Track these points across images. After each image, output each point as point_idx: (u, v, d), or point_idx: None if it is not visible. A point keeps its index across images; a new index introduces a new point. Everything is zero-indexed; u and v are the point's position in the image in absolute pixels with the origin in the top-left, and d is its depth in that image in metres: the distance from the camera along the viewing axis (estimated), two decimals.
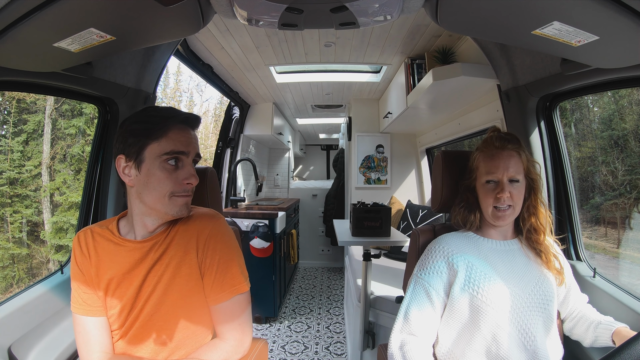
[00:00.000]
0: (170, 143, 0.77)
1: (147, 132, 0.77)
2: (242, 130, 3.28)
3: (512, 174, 0.90)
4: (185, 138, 0.79)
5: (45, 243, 7.28)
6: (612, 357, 0.46)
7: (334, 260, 4.40)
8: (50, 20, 0.65)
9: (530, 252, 0.94)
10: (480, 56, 1.45)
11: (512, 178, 0.90)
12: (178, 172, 0.79)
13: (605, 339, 0.86)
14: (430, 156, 3.12)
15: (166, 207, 0.79)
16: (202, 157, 0.87)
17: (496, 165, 0.90)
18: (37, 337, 0.97)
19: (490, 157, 0.92)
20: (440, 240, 0.97)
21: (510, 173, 0.90)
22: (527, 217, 0.94)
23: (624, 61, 0.79)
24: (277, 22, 0.77)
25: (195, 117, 0.83)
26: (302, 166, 6.01)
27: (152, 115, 0.79)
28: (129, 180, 0.80)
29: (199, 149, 0.85)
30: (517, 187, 0.90)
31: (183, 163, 0.80)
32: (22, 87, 0.96)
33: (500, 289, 0.88)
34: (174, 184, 0.78)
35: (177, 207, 0.80)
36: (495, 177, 0.90)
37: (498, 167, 0.90)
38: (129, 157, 0.78)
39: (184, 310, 0.82)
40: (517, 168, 0.90)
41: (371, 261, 1.75)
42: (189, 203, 0.83)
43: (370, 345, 1.78)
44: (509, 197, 0.89)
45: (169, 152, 0.77)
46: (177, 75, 17.45)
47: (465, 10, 0.72)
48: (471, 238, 0.97)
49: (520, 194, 0.91)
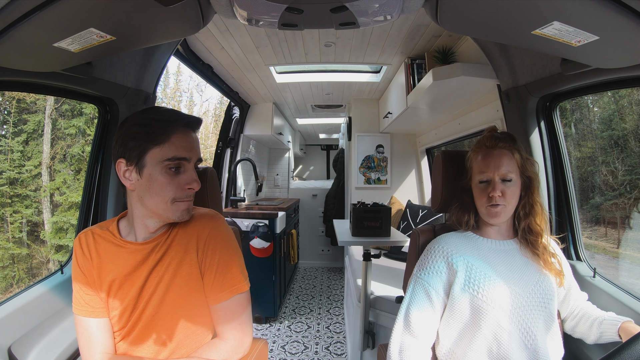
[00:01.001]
0: (172, 148, 0.76)
1: (149, 137, 0.76)
2: (242, 130, 3.28)
3: (504, 173, 0.89)
4: (187, 143, 0.78)
5: (45, 243, 7.28)
6: (612, 357, 0.46)
7: (334, 260, 4.40)
8: (50, 20, 0.65)
9: (528, 251, 0.94)
10: (480, 56, 1.45)
11: (504, 177, 0.89)
12: (180, 177, 0.78)
13: (611, 335, 0.86)
14: (430, 156, 3.12)
15: (168, 212, 0.79)
16: (202, 157, 0.87)
17: (487, 164, 0.90)
18: (37, 337, 0.97)
19: (482, 157, 0.92)
20: (440, 240, 0.97)
21: (501, 172, 0.89)
22: (523, 217, 0.93)
23: (624, 61, 0.79)
24: (277, 22, 0.77)
25: (197, 120, 0.82)
26: (302, 166, 6.01)
27: (154, 119, 0.77)
28: (129, 184, 0.79)
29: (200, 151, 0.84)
30: (509, 185, 0.89)
31: (185, 168, 0.79)
32: (22, 87, 0.96)
33: (501, 289, 0.87)
34: (176, 189, 0.78)
35: (179, 212, 0.80)
36: (487, 176, 0.90)
37: (489, 166, 0.90)
38: (130, 161, 0.77)
39: (184, 310, 0.83)
40: (510, 166, 0.89)
41: (371, 261, 1.75)
42: (190, 207, 0.83)
43: (370, 345, 1.78)
44: (501, 196, 0.88)
45: (171, 157, 0.76)
46: (177, 75, 17.45)
47: (465, 10, 0.72)
48: (470, 238, 0.97)
49: (513, 192, 0.90)
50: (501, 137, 0.93)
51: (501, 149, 0.91)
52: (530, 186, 0.93)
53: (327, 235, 4.26)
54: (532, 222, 0.93)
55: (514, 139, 0.94)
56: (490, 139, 0.93)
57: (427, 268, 0.94)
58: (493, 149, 0.91)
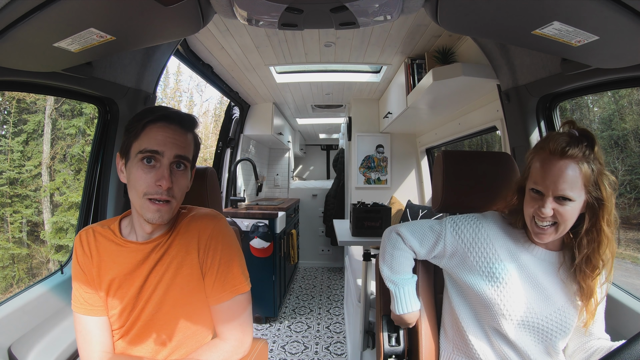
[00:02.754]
0: (144, 141, 0.75)
1: (130, 130, 0.78)
2: (242, 130, 3.28)
3: (562, 191, 0.72)
4: (161, 137, 0.75)
5: (45, 243, 7.28)
6: (612, 357, 0.46)
7: (334, 260, 4.40)
8: (50, 20, 0.65)
9: (569, 277, 0.80)
10: (480, 56, 1.45)
11: (562, 195, 0.72)
12: (153, 173, 0.76)
13: None
14: (430, 156, 3.12)
15: (142, 209, 0.76)
16: (202, 157, 0.86)
17: (544, 175, 0.74)
18: (37, 337, 0.97)
19: (541, 164, 0.76)
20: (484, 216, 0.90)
21: (559, 190, 0.72)
22: (586, 244, 0.76)
23: (624, 61, 0.79)
24: (277, 22, 0.77)
25: (175, 114, 0.78)
26: (302, 166, 6.01)
27: (138, 114, 0.79)
28: (122, 178, 0.81)
29: (189, 150, 0.80)
30: (568, 205, 0.73)
31: (160, 164, 0.76)
32: (22, 87, 0.96)
33: (518, 296, 0.80)
34: (147, 184, 0.75)
35: (150, 212, 0.76)
36: (541, 188, 0.75)
37: (545, 178, 0.74)
38: (122, 155, 0.80)
39: (184, 311, 0.82)
40: (573, 183, 0.72)
41: (371, 261, 1.75)
42: (163, 212, 0.77)
43: (370, 345, 1.78)
44: (553, 215, 0.74)
45: (142, 150, 0.75)
46: (177, 75, 17.44)
47: (465, 10, 0.72)
48: (514, 232, 0.86)
49: (571, 214, 0.74)
50: (573, 142, 0.73)
51: (568, 159, 0.72)
52: (599, 208, 0.74)
53: (327, 235, 4.26)
54: (594, 255, 0.75)
55: (591, 143, 0.73)
56: (556, 141, 0.73)
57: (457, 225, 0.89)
58: (557, 158, 0.73)
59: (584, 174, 0.72)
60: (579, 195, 0.73)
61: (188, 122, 0.80)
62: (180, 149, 0.77)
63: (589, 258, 0.76)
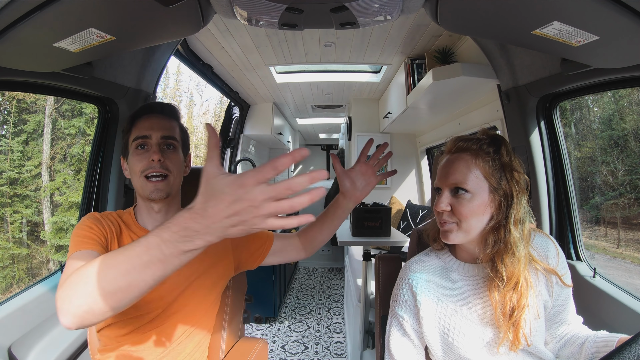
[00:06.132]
0: (135, 132, 0.84)
1: (124, 131, 0.88)
2: (242, 130, 3.28)
3: (454, 181, 0.70)
4: (148, 124, 0.84)
5: (45, 243, 7.28)
6: (612, 357, 0.46)
7: (334, 260, 4.40)
8: (50, 20, 0.65)
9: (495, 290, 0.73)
10: (480, 56, 1.45)
11: (455, 185, 0.70)
12: (146, 154, 0.83)
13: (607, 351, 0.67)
14: (430, 156, 3.12)
15: (143, 188, 0.82)
16: (203, 157, 0.88)
17: (440, 170, 0.75)
18: (37, 337, 0.97)
19: (440, 162, 0.77)
20: (407, 267, 0.83)
21: (450, 180, 0.71)
22: (492, 244, 0.70)
23: (624, 61, 0.79)
24: (277, 22, 0.77)
25: (156, 104, 0.89)
26: (302, 166, 6.01)
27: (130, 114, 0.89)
28: (127, 174, 0.87)
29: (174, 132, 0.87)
30: (464, 198, 0.70)
31: (150, 146, 0.83)
32: (22, 87, 0.96)
33: (472, 329, 0.73)
34: (142, 163, 0.82)
35: (149, 190, 0.82)
36: (437, 183, 0.75)
37: (440, 172, 0.74)
38: (124, 155, 0.88)
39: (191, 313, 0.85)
40: (466, 174, 0.70)
41: (371, 261, 1.75)
42: (161, 189, 0.81)
43: (370, 345, 1.79)
44: (450, 212, 0.71)
45: (135, 138, 0.84)
46: (177, 75, 17.46)
47: (465, 10, 0.72)
48: (442, 259, 0.82)
49: (469, 208, 0.70)
50: (471, 140, 0.74)
51: (460, 152, 0.73)
52: (507, 202, 0.70)
53: None
54: (498, 258, 0.69)
55: (496, 144, 0.73)
56: (454, 141, 0.75)
57: (397, 300, 0.81)
58: (451, 153, 0.75)
59: (481, 166, 0.70)
60: (477, 187, 0.70)
61: (169, 110, 0.89)
62: (165, 130, 0.84)
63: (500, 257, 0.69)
